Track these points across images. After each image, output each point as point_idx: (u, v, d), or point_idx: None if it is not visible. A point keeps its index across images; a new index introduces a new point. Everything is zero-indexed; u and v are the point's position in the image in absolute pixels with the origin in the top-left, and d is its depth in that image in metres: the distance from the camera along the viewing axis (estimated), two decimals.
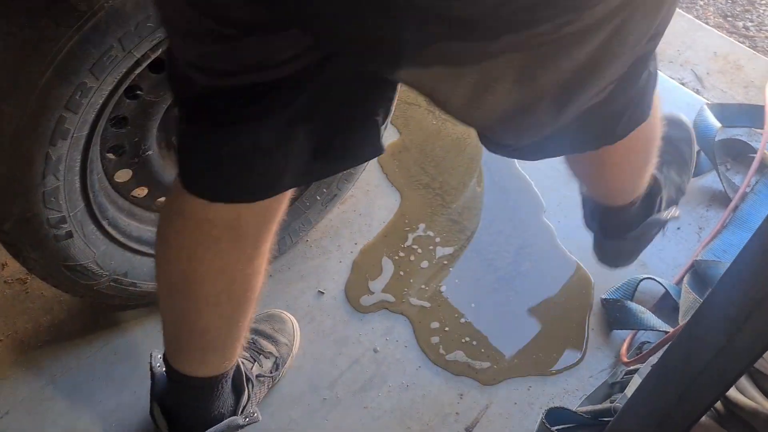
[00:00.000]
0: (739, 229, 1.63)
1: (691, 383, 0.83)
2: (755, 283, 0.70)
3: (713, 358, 0.78)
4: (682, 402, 0.85)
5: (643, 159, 1.16)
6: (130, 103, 1.07)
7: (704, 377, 0.81)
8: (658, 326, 1.36)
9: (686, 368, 0.83)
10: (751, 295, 0.70)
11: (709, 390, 0.81)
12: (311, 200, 1.42)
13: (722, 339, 0.76)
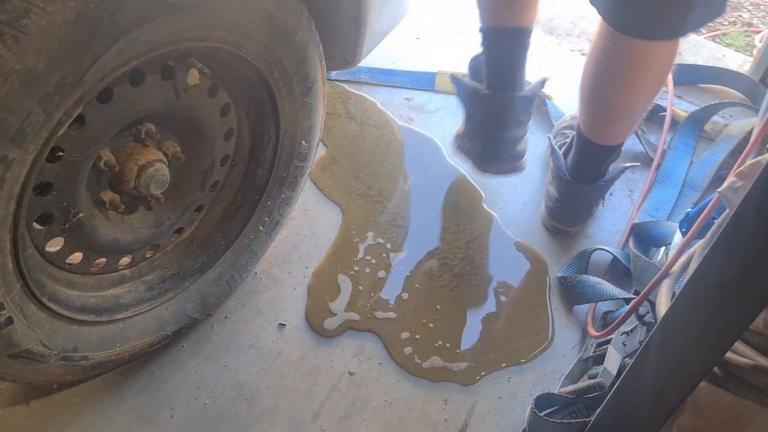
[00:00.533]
0: (665, 185, 1.70)
1: (689, 351, 0.84)
2: (747, 248, 0.72)
3: (709, 323, 0.80)
4: (680, 369, 0.87)
5: (656, 88, 1.35)
6: (52, 167, 0.98)
7: (702, 344, 0.83)
8: (617, 294, 1.40)
9: (683, 338, 0.84)
10: (744, 261, 0.72)
11: (708, 356, 0.83)
12: (254, 232, 1.36)
13: (717, 305, 0.78)
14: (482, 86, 1.50)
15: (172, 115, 1.11)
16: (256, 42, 1.07)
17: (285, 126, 1.25)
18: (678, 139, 1.77)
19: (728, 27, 2.56)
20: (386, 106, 1.85)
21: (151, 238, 1.23)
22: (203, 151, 1.21)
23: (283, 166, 1.32)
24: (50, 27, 0.80)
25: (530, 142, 1.79)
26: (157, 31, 0.90)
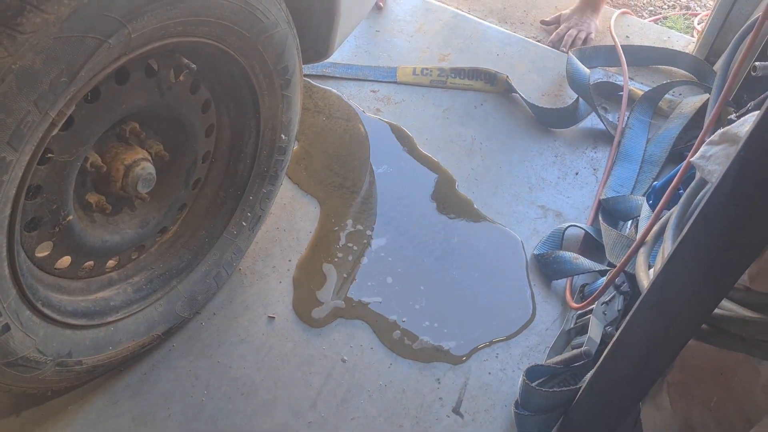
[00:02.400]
0: (626, 162, 1.77)
1: (680, 310, 0.90)
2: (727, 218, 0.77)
3: (699, 282, 0.86)
4: (672, 327, 0.92)
5: None
6: (42, 169, 0.97)
7: (692, 302, 0.88)
8: (592, 267, 1.46)
9: (674, 298, 0.90)
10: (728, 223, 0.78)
11: (698, 312, 0.89)
12: (238, 227, 1.36)
13: (705, 265, 0.84)
14: None
15: (155, 113, 1.11)
16: (239, 36, 1.07)
17: (265, 120, 1.26)
18: (634, 118, 1.85)
19: (668, 11, 2.67)
20: (353, 98, 1.88)
21: (136, 239, 1.22)
22: (185, 148, 1.21)
23: (264, 161, 1.33)
24: (45, 25, 0.79)
25: (501, 126, 1.85)
26: (147, 27, 0.90)
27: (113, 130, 1.07)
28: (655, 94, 1.91)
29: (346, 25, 1.39)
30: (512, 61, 2.06)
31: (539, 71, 2.05)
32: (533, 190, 1.70)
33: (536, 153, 1.80)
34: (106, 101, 0.99)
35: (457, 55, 2.05)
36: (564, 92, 1.98)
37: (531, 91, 1.96)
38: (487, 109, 1.91)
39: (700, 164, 1.03)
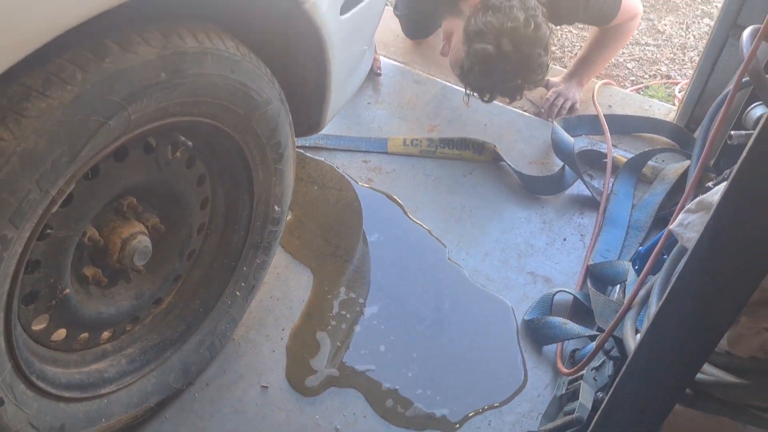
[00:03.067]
0: (612, 227, 1.81)
1: (663, 377, 0.92)
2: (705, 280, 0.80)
3: (679, 349, 0.88)
4: (657, 394, 0.94)
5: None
6: (41, 245, 1.00)
7: (674, 368, 0.90)
8: (582, 333, 1.48)
9: (656, 366, 0.92)
10: (704, 291, 0.81)
11: (680, 378, 0.90)
12: (232, 297, 1.38)
13: (685, 332, 0.86)
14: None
15: (152, 188, 1.15)
16: (233, 114, 1.12)
17: (259, 192, 1.30)
18: (619, 185, 1.91)
19: (650, 80, 2.77)
20: (346, 169, 1.93)
21: (131, 311, 1.24)
22: (181, 220, 1.24)
23: (258, 232, 1.36)
24: (49, 109, 0.84)
25: (489, 194, 1.89)
26: (146, 108, 0.95)
27: (111, 205, 1.10)
28: (639, 161, 1.97)
29: (338, 100, 1.45)
30: (499, 130, 2.13)
31: (526, 140, 2.11)
32: (522, 256, 1.73)
33: (524, 220, 1.84)
34: (105, 178, 1.02)
35: (446, 126, 2.11)
36: (550, 160, 2.03)
37: (518, 159, 2.02)
38: (476, 177, 1.96)
39: (679, 232, 1.07)
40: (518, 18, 1.78)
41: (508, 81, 1.86)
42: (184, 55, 0.97)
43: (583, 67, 2.25)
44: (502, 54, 1.79)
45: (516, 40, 1.78)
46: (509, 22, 1.77)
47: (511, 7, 1.79)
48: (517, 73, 1.84)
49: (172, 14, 0.97)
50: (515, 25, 1.77)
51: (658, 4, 3.27)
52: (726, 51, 1.99)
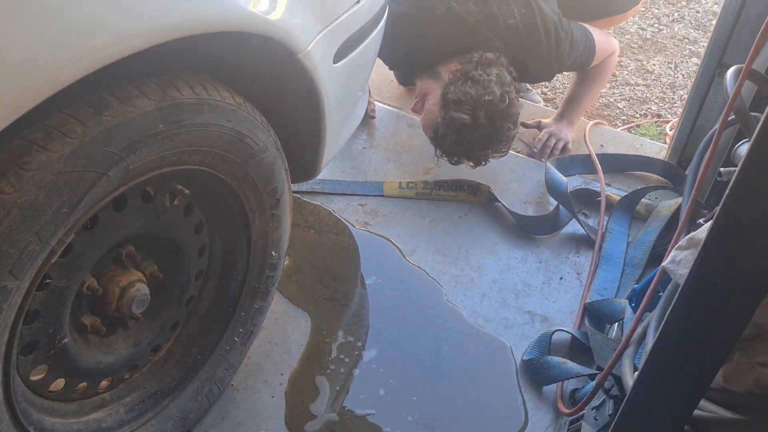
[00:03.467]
0: (608, 265, 1.82)
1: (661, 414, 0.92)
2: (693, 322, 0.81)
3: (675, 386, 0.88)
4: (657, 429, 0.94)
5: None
6: (40, 295, 1.00)
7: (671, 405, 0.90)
8: (581, 372, 1.47)
9: (653, 403, 0.92)
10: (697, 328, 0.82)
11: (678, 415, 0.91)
12: (230, 343, 1.39)
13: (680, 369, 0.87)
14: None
15: (150, 236, 1.16)
16: (230, 162, 1.15)
17: (256, 238, 1.32)
18: (613, 223, 1.92)
19: (640, 119, 2.82)
20: (342, 212, 1.95)
21: (129, 359, 1.24)
22: (179, 268, 1.25)
23: (255, 277, 1.37)
24: (49, 162, 0.86)
25: (485, 234, 1.91)
26: (144, 159, 0.97)
27: (110, 254, 1.12)
28: (632, 199, 1.99)
29: (333, 146, 1.48)
30: (493, 171, 2.15)
31: (520, 180, 2.14)
32: (519, 296, 1.74)
33: (521, 260, 1.85)
34: (104, 228, 1.04)
35: (441, 168, 2.14)
36: (545, 200, 2.06)
37: (513, 199, 2.05)
38: (472, 218, 1.98)
39: (672, 269, 1.08)
40: (495, 92, 1.89)
41: (479, 150, 1.97)
42: (181, 107, 0.99)
43: (571, 106, 2.30)
44: (477, 125, 1.89)
45: (491, 114, 1.89)
46: (487, 96, 1.88)
47: (489, 81, 1.90)
48: (487, 144, 1.95)
49: (169, 67, 1.00)
50: (492, 99, 1.88)
51: (646, 45, 3.34)
52: (713, 89, 2.03)
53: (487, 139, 1.94)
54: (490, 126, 1.90)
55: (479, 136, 1.92)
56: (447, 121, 1.92)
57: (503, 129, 1.93)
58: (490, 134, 1.93)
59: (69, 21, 0.77)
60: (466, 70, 1.93)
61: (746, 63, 1.15)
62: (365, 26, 1.41)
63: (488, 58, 1.96)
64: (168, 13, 0.89)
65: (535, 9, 1.99)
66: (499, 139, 1.95)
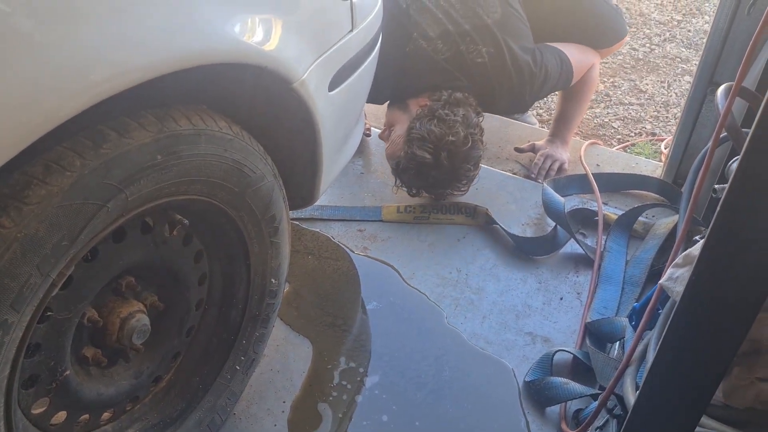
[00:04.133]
0: (608, 284, 1.83)
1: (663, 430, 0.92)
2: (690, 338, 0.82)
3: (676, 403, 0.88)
4: None
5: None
6: (41, 328, 1.01)
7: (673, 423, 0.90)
8: (584, 392, 1.47)
9: (655, 421, 0.92)
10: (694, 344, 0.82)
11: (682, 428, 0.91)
12: (231, 372, 1.38)
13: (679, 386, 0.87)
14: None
15: (150, 266, 1.17)
16: (228, 191, 1.16)
17: (255, 266, 1.32)
18: (611, 242, 1.93)
19: (635, 138, 2.84)
20: (341, 238, 1.96)
21: (131, 390, 1.24)
22: (179, 297, 1.26)
23: (256, 305, 1.37)
24: (49, 195, 0.87)
25: (484, 256, 1.91)
26: (143, 190, 0.98)
27: (110, 285, 1.12)
28: (629, 217, 2.00)
29: (330, 173, 1.49)
30: (490, 194, 2.17)
31: (517, 202, 2.15)
32: (520, 317, 1.74)
33: (520, 281, 1.86)
34: (103, 259, 1.05)
35: None
36: (542, 221, 2.07)
37: (510, 221, 2.06)
38: (470, 241, 1.99)
39: (669, 286, 1.09)
40: (459, 133, 1.93)
41: (438, 187, 2.02)
42: (178, 138, 1.01)
43: (562, 125, 2.32)
44: (437, 163, 1.94)
45: (452, 154, 1.93)
46: (450, 137, 1.91)
47: (455, 122, 1.93)
48: (445, 182, 2.00)
49: (166, 98, 1.02)
50: (455, 140, 1.92)
51: (638, 65, 3.38)
52: (705, 107, 2.05)
53: (446, 177, 1.98)
54: (450, 166, 1.94)
55: (438, 175, 1.97)
56: (409, 157, 1.95)
57: (463, 170, 1.97)
58: (449, 174, 1.97)
59: (67, 57, 0.79)
60: (433, 108, 1.97)
61: (736, 81, 1.17)
62: (359, 54, 1.44)
63: (456, 98, 2.00)
64: (164, 47, 0.91)
65: (504, 49, 2.03)
66: (457, 178, 2.00)
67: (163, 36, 0.90)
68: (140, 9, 0.87)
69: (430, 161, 1.93)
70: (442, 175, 1.97)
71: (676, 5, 4.01)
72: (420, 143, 1.93)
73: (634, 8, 3.93)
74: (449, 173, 1.97)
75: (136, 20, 0.86)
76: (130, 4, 0.86)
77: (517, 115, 2.74)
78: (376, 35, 1.52)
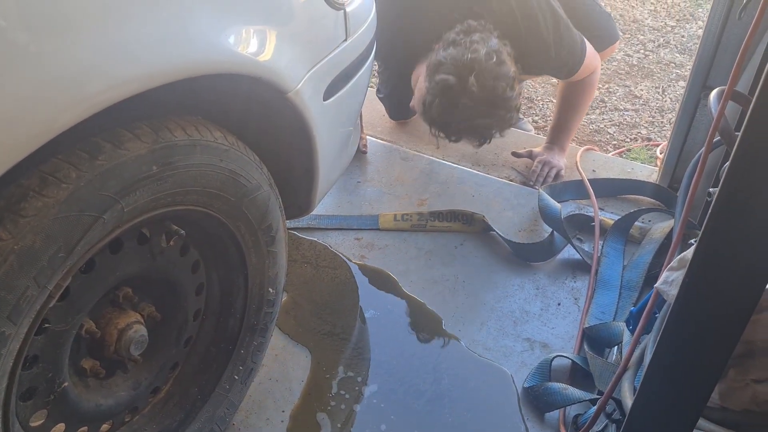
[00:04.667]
0: (605, 289, 1.83)
1: None
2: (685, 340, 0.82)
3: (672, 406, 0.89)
4: None
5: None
6: (39, 339, 1.01)
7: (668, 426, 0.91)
8: (583, 397, 1.47)
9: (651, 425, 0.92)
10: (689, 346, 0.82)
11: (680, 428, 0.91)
12: (230, 382, 1.38)
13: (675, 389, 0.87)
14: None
15: (147, 277, 1.17)
16: (224, 201, 1.16)
17: (253, 275, 1.32)
18: (608, 246, 1.93)
19: (631, 143, 2.85)
20: (339, 247, 1.96)
21: (129, 401, 1.24)
22: (177, 308, 1.26)
23: (254, 314, 1.37)
24: (45, 207, 0.87)
25: (481, 263, 1.92)
26: (139, 201, 0.99)
27: (107, 296, 1.12)
28: (626, 222, 2.00)
29: (326, 182, 1.50)
30: (487, 200, 2.17)
31: (514, 208, 2.15)
32: (518, 323, 1.74)
33: (518, 287, 1.86)
34: (100, 271, 1.05)
35: (435, 199, 2.16)
36: (539, 227, 2.07)
37: (507, 228, 2.06)
38: (467, 248, 1.99)
39: (664, 290, 1.09)
40: (478, 51, 1.74)
41: (473, 117, 1.79)
42: (173, 148, 1.01)
43: (559, 132, 2.33)
44: (464, 88, 1.74)
45: (478, 74, 1.73)
46: (469, 54, 1.74)
47: (472, 42, 1.76)
48: (480, 109, 1.77)
49: (161, 109, 1.02)
50: (475, 56, 1.73)
51: (633, 71, 3.39)
52: (699, 111, 2.06)
53: (478, 103, 1.75)
54: (478, 86, 1.73)
55: (470, 102, 1.75)
56: (431, 88, 1.78)
57: (496, 89, 1.75)
58: (482, 99, 1.75)
59: (62, 69, 0.79)
60: (448, 37, 1.82)
61: (728, 84, 1.18)
62: (354, 63, 1.45)
63: (471, 25, 1.82)
64: (160, 59, 0.92)
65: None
66: (493, 102, 1.76)
67: (158, 47, 0.91)
68: (136, 21, 0.88)
69: (454, 83, 1.73)
70: (475, 102, 1.75)
71: (669, 11, 4.04)
72: (439, 68, 1.77)
73: (628, 15, 3.95)
74: (482, 98, 1.74)
75: (131, 32, 0.87)
76: (125, 16, 0.86)
77: (514, 122, 2.74)
78: (371, 44, 1.53)
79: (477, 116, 1.78)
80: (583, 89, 2.25)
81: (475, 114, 1.78)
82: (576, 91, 2.26)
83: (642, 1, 4.12)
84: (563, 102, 2.32)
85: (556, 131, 2.34)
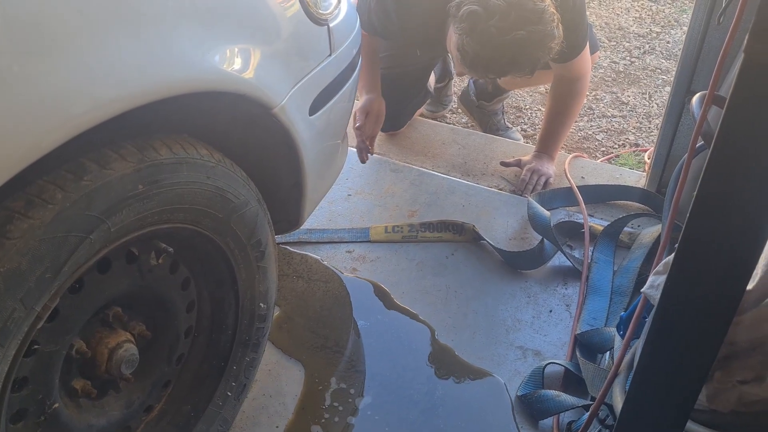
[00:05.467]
0: (596, 295, 1.84)
1: None
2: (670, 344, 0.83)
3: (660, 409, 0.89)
4: None
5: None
6: (28, 361, 1.01)
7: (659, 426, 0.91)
8: (576, 404, 1.47)
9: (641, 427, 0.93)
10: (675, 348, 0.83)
11: None
12: (223, 398, 1.38)
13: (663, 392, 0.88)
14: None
15: (136, 296, 1.17)
16: (212, 218, 1.17)
17: (243, 291, 1.33)
18: (598, 252, 1.94)
19: (619, 149, 2.87)
20: (330, 260, 1.96)
21: (122, 420, 1.24)
22: (167, 325, 1.26)
23: (245, 330, 1.38)
24: (31, 229, 0.87)
25: (473, 273, 1.92)
26: (125, 220, 0.99)
27: (97, 315, 1.12)
28: (615, 228, 2.02)
29: (315, 196, 1.50)
30: (477, 210, 2.18)
31: (503, 217, 2.16)
32: (510, 331, 1.75)
33: (509, 295, 1.87)
34: (89, 291, 1.05)
35: (425, 210, 2.17)
36: (529, 235, 2.08)
37: (498, 236, 2.07)
38: (458, 258, 2.00)
39: (651, 294, 1.10)
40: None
41: (509, 32, 1.67)
42: (159, 167, 1.02)
43: (548, 140, 2.34)
44: (491, 10, 1.66)
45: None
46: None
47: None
48: (516, 25, 1.67)
49: (146, 128, 1.03)
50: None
51: (619, 77, 3.42)
52: (684, 116, 2.08)
53: (512, 22, 1.66)
54: (507, 5, 1.65)
55: (500, 22, 1.65)
56: (459, 27, 1.71)
57: (526, 3, 1.66)
58: (514, 15, 1.65)
59: (46, 90, 0.80)
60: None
61: (709, 89, 1.19)
62: (339, 77, 1.46)
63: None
64: (144, 78, 0.93)
65: None
66: (529, 18, 1.66)
67: (143, 67, 0.92)
68: (120, 40, 0.88)
69: (478, 9, 1.66)
70: (506, 22, 1.65)
71: (654, 18, 4.07)
72: (460, 6, 1.71)
73: (613, 22, 3.99)
74: (514, 14, 1.65)
75: (115, 52, 0.88)
76: (109, 36, 0.87)
77: (502, 131, 2.77)
78: (355, 58, 1.54)
79: (513, 30, 1.67)
80: (572, 97, 2.27)
81: (509, 32, 1.67)
82: (565, 98, 2.27)
83: (627, 9, 4.16)
84: (552, 110, 2.33)
85: (545, 140, 2.36)
